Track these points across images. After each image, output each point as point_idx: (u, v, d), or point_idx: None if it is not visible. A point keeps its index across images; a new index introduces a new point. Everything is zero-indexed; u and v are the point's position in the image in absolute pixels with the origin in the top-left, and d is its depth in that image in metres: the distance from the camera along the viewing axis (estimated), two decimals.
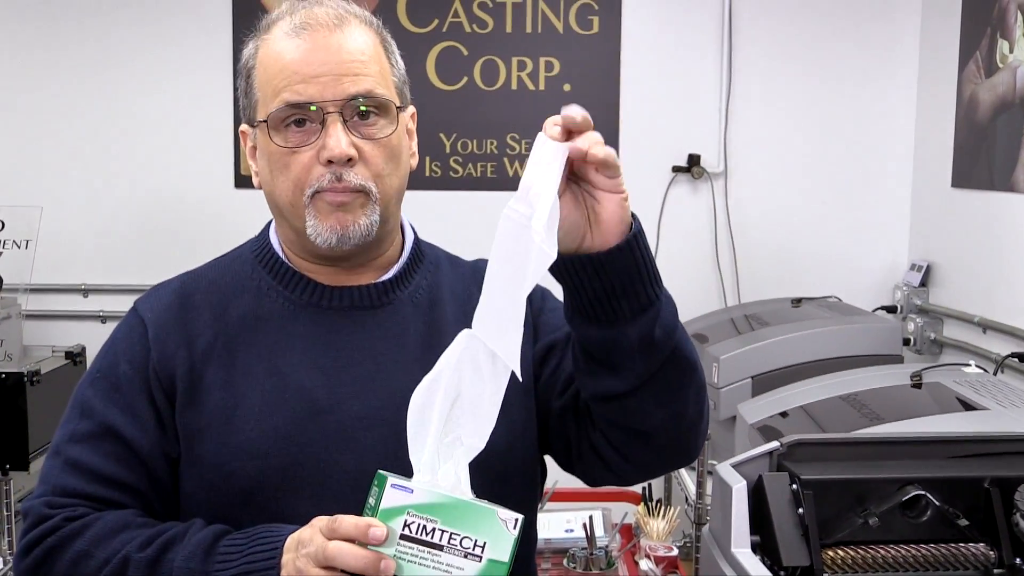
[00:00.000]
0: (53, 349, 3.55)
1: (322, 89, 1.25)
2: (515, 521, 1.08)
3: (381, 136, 1.29)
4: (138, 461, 1.28)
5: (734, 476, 1.35)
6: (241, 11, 3.70)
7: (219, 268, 1.40)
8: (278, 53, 1.28)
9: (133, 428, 1.28)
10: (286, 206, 1.30)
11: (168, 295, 1.36)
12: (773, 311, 3.35)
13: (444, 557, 1.07)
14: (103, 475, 1.27)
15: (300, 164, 1.27)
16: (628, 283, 1.15)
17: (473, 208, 3.70)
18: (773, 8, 3.71)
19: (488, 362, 1.09)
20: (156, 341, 1.31)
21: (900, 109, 3.73)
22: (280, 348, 1.31)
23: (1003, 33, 3.07)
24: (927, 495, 1.30)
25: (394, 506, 1.07)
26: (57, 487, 1.27)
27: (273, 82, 1.27)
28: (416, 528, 1.07)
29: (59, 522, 1.23)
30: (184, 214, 3.75)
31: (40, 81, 3.75)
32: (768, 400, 2.59)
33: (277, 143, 1.27)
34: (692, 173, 3.73)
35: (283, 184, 1.29)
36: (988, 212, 3.17)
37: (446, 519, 1.07)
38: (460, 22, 3.69)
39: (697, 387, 1.26)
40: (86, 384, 1.33)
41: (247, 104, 1.33)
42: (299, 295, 1.34)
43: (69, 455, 1.28)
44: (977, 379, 2.39)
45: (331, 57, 1.26)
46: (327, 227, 1.28)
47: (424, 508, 1.07)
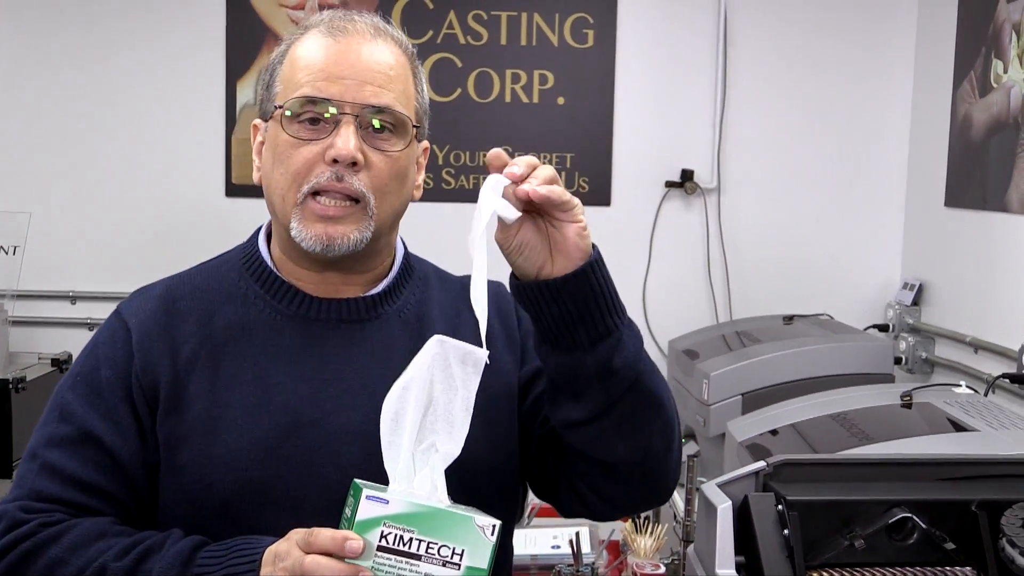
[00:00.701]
0: (39, 356, 3.53)
1: (343, 91, 1.25)
2: (492, 527, 1.08)
3: (391, 150, 1.28)
4: (117, 468, 1.26)
5: (719, 496, 1.33)
6: (235, 18, 3.70)
7: (205, 273, 1.38)
8: (308, 49, 1.29)
9: (113, 435, 1.26)
10: (278, 199, 1.29)
11: (152, 300, 1.34)
12: (765, 328, 3.35)
13: (423, 567, 1.06)
14: (81, 481, 1.25)
15: (303, 158, 1.26)
16: (585, 310, 1.17)
17: (465, 220, 3.64)
18: (768, 25, 3.71)
19: (459, 367, 1.10)
20: (140, 347, 1.29)
21: (894, 128, 3.73)
22: (265, 359, 1.29)
23: (997, 53, 3.07)
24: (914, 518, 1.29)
25: (370, 517, 1.06)
26: (33, 491, 1.25)
27: (297, 75, 1.28)
28: (393, 539, 1.06)
29: (35, 527, 1.21)
30: (174, 222, 3.74)
31: (30, 87, 3.73)
32: (758, 418, 2.57)
33: (289, 133, 1.26)
34: (685, 188, 3.72)
35: (281, 175, 1.28)
36: (981, 232, 3.16)
37: (423, 528, 1.06)
38: (455, 33, 3.68)
39: (664, 422, 1.27)
40: (66, 387, 1.31)
41: (266, 97, 1.33)
42: (286, 305, 1.32)
43: (47, 459, 1.26)
44: (967, 400, 2.37)
45: (359, 63, 1.27)
46: (311, 235, 1.26)
47: (400, 518, 1.06)
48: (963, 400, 2.37)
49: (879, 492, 1.33)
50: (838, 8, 3.70)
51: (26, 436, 3.52)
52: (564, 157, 3.73)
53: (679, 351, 3.33)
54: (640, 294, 3.73)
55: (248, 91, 3.72)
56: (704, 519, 1.38)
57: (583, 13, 3.70)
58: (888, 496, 1.31)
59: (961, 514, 1.31)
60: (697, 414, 3.04)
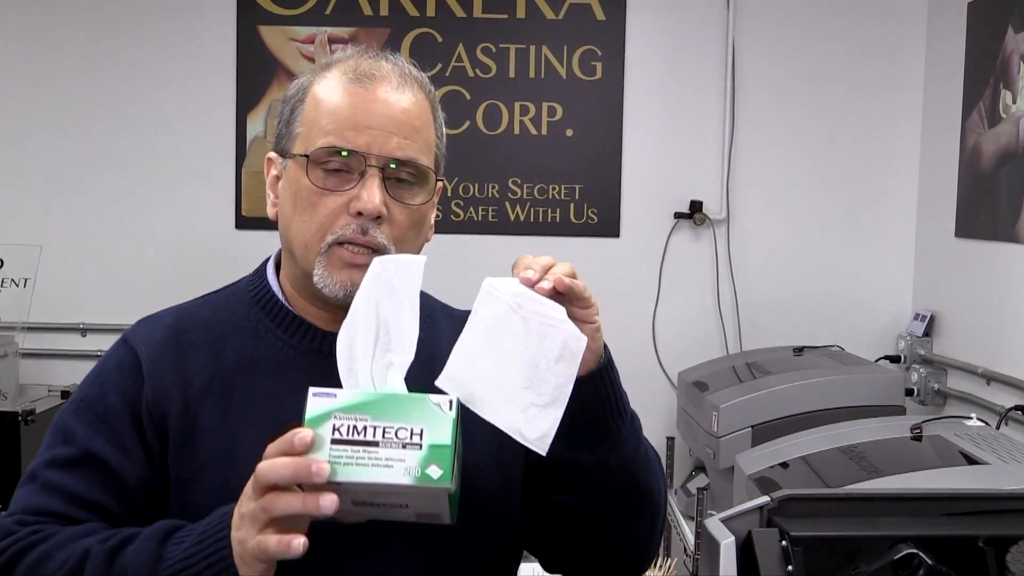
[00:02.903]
0: (49, 388, 3.54)
1: (370, 141, 1.24)
2: (449, 403, 1.05)
3: (412, 203, 1.28)
4: (119, 489, 1.24)
5: (722, 531, 1.31)
6: (245, 52, 3.73)
7: (213, 306, 1.36)
8: (334, 94, 1.27)
9: (119, 458, 1.24)
10: (299, 245, 1.28)
11: (162, 330, 1.32)
12: (775, 359, 3.33)
13: (382, 452, 1.02)
14: (80, 498, 1.23)
15: (327, 208, 1.25)
16: (590, 413, 1.18)
17: (474, 252, 3.70)
18: (776, 57, 3.72)
19: (399, 278, 1.11)
20: (151, 377, 1.27)
21: (904, 159, 3.72)
22: (278, 393, 1.28)
23: (1006, 84, 3.07)
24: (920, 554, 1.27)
25: (319, 412, 1.03)
26: (29, 507, 1.23)
27: (322, 121, 1.26)
28: (346, 430, 1.02)
29: (27, 533, 1.19)
30: (184, 254, 3.75)
31: (41, 120, 3.76)
32: (768, 450, 2.56)
33: (312, 181, 1.25)
34: (694, 219, 3.72)
35: (304, 223, 1.27)
36: (992, 262, 3.15)
37: (376, 414, 1.03)
38: (463, 66, 3.70)
39: (651, 514, 1.31)
40: (68, 412, 1.28)
41: (285, 133, 1.31)
42: (298, 340, 1.31)
43: (46, 479, 1.24)
44: (978, 432, 2.35)
45: (387, 113, 1.25)
46: (336, 281, 1.26)
47: (350, 407, 1.03)
48: (974, 433, 2.35)
49: (885, 527, 1.31)
50: (846, 40, 3.70)
51: None
52: (573, 189, 3.74)
53: (688, 383, 3.32)
54: (650, 325, 3.72)
55: (258, 124, 3.74)
56: (707, 554, 1.36)
57: (591, 46, 3.71)
58: (894, 532, 1.29)
59: (968, 550, 1.29)
60: (707, 446, 3.02)
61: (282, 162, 1.32)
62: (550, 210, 3.75)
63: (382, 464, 1.01)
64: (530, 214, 3.75)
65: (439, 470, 1.01)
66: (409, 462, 1.01)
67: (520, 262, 1.17)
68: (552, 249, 3.70)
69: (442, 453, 1.02)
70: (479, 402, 1.10)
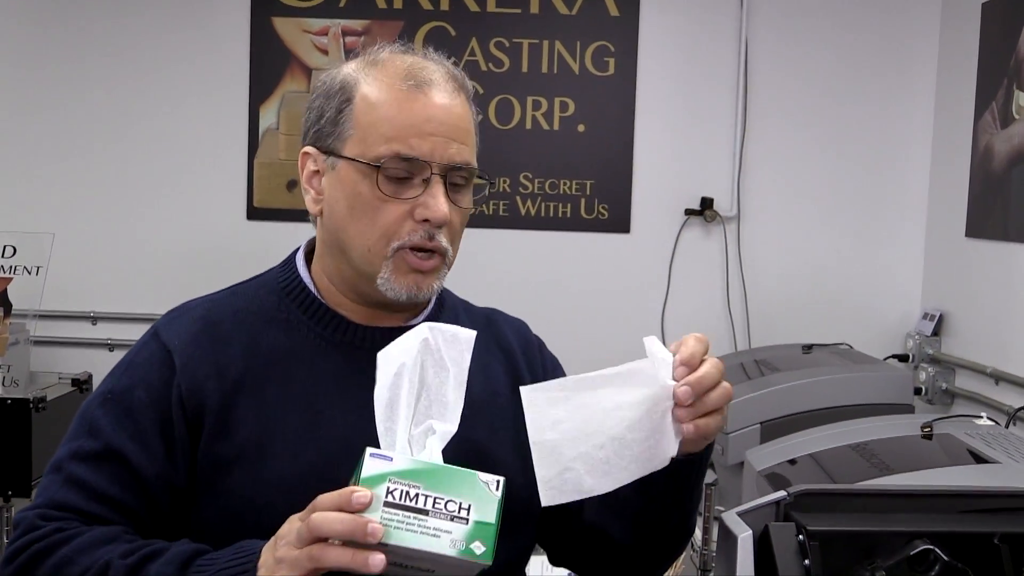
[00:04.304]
0: (60, 376, 3.54)
1: (433, 148, 1.26)
2: (497, 483, 1.07)
3: (466, 207, 1.33)
4: (141, 487, 1.25)
5: (740, 525, 1.32)
6: (259, 44, 3.73)
7: (243, 297, 1.37)
8: (392, 99, 1.27)
9: (141, 455, 1.25)
10: (359, 249, 1.29)
11: (194, 323, 1.33)
12: (783, 357, 3.33)
13: (431, 521, 1.04)
14: (103, 495, 1.24)
15: (392, 215, 1.27)
16: (687, 483, 1.32)
17: (485, 246, 3.70)
18: (788, 55, 3.72)
19: (448, 349, 1.13)
20: (185, 371, 1.28)
21: (915, 158, 3.73)
22: (312, 384, 1.30)
23: (1019, 84, 3.07)
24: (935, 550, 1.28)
25: (375, 474, 1.05)
26: (53, 501, 1.24)
27: (381, 128, 1.27)
28: (399, 494, 1.04)
29: (49, 531, 1.21)
30: (196, 244, 3.76)
31: (55, 109, 3.77)
32: (777, 447, 2.56)
33: (380, 187, 1.26)
34: (705, 216, 3.72)
35: (365, 228, 1.28)
36: (1002, 263, 3.15)
37: (428, 484, 1.05)
38: (476, 60, 3.71)
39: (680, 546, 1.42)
40: (95, 403, 1.30)
41: (330, 132, 1.30)
42: (331, 332, 1.33)
43: (71, 472, 1.25)
44: (988, 431, 2.36)
45: (446, 120, 1.28)
46: (402, 285, 1.29)
47: (405, 474, 1.05)
48: (984, 432, 2.35)
49: (901, 523, 1.32)
50: (859, 38, 3.70)
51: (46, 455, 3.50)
52: (584, 184, 3.75)
53: None
54: (659, 322, 3.73)
55: (271, 116, 3.74)
56: (724, 548, 1.37)
57: (604, 41, 3.72)
58: (910, 528, 1.30)
59: (983, 547, 1.30)
60: (715, 442, 3.02)
61: (326, 159, 1.31)
62: (561, 205, 3.75)
63: (430, 533, 1.04)
64: (541, 209, 3.75)
65: (482, 547, 1.05)
66: (455, 535, 1.04)
67: (692, 353, 1.21)
68: (563, 244, 3.73)
69: (487, 531, 1.06)
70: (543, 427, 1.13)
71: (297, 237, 1.42)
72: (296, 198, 3.58)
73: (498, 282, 3.50)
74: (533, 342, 1.48)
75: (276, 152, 3.75)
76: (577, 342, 3.33)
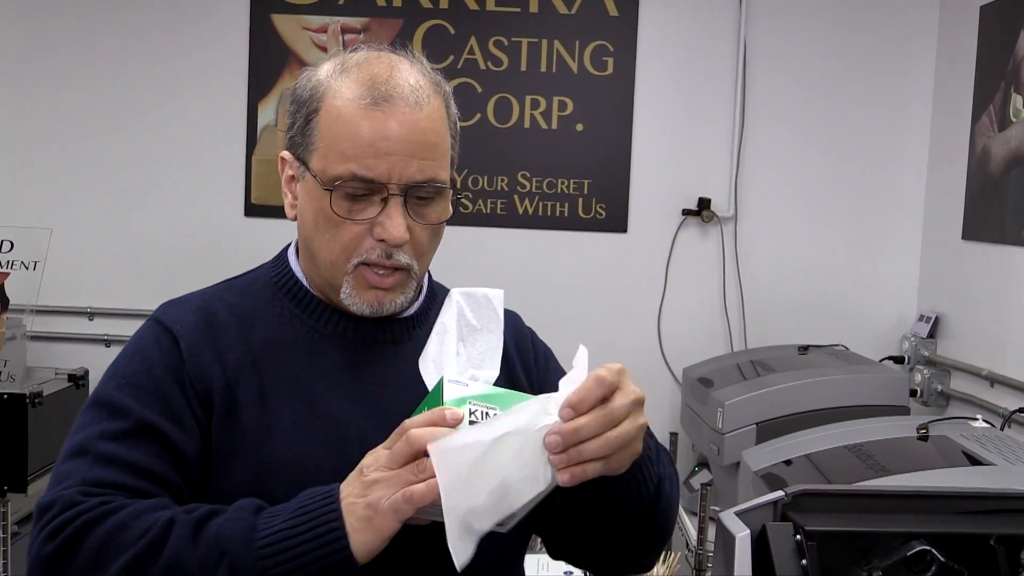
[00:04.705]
0: (56, 371, 3.55)
1: (390, 168, 1.25)
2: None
3: (433, 221, 1.31)
4: (180, 461, 1.23)
5: (738, 525, 1.33)
6: (258, 41, 3.73)
7: (237, 291, 1.38)
8: (352, 117, 1.26)
9: (177, 431, 1.23)
10: (324, 261, 1.31)
11: (191, 312, 1.33)
12: (779, 358, 3.34)
13: None
14: (144, 469, 1.20)
15: (351, 233, 1.28)
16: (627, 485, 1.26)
17: (482, 244, 3.71)
18: (787, 56, 3.72)
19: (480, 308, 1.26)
20: (190, 354, 1.28)
21: (912, 160, 3.73)
22: (307, 375, 1.31)
23: (1017, 87, 3.08)
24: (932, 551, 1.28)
25: (456, 397, 1.11)
26: (89, 479, 1.17)
27: (341, 145, 1.26)
28: (480, 415, 1.11)
29: (95, 504, 1.14)
30: (193, 241, 3.76)
31: (52, 105, 3.77)
32: (772, 447, 2.57)
33: (335, 209, 1.26)
34: (702, 216, 3.73)
35: (328, 243, 1.29)
36: (998, 265, 3.16)
37: (503, 406, 1.12)
38: (475, 59, 3.71)
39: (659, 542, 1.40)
40: (111, 388, 1.26)
41: (300, 141, 1.30)
42: (323, 325, 1.35)
43: (101, 451, 1.20)
44: (984, 434, 2.36)
45: (405, 136, 1.25)
46: (363, 300, 1.31)
47: (482, 398, 1.12)
48: (980, 434, 2.36)
49: (898, 524, 1.33)
50: (857, 41, 3.71)
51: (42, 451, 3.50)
52: (582, 184, 3.75)
53: (693, 379, 3.33)
54: (655, 321, 3.73)
55: (269, 113, 3.74)
56: (721, 548, 1.37)
57: (603, 40, 3.72)
58: (907, 528, 1.31)
59: (980, 548, 1.30)
60: (711, 442, 3.03)
61: (299, 167, 1.32)
62: (558, 204, 3.76)
63: None
64: (538, 208, 3.76)
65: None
66: None
67: (581, 399, 1.10)
68: (560, 243, 3.73)
69: None
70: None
71: (294, 234, 1.42)
72: None
73: (494, 280, 3.47)
74: (525, 334, 1.49)
75: (274, 149, 3.75)
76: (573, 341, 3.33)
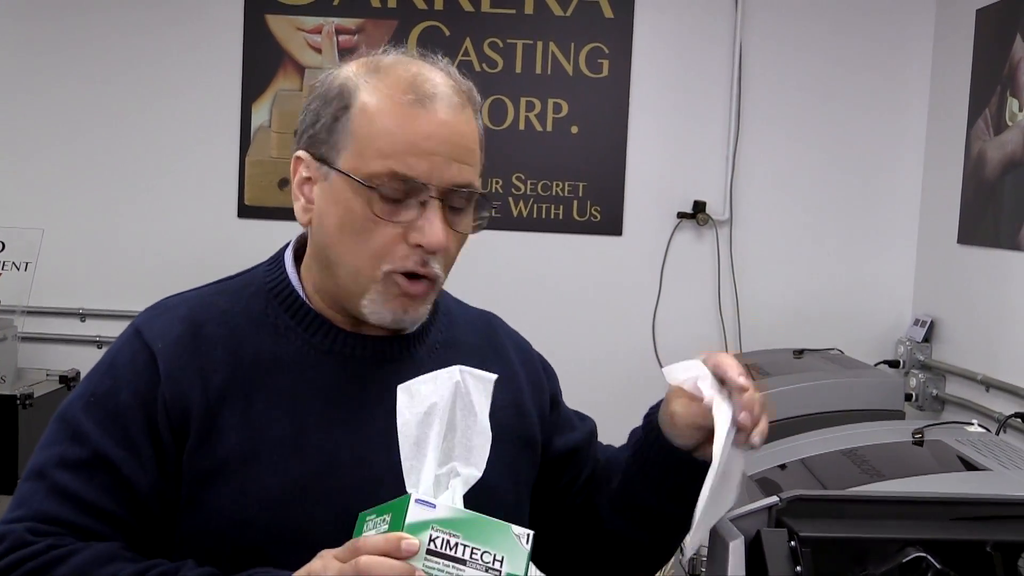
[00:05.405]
0: (47, 373, 3.53)
1: (431, 169, 1.18)
2: (527, 536, 1.10)
3: (464, 231, 1.25)
4: (133, 498, 1.18)
5: (731, 530, 1.32)
6: (252, 41, 3.72)
7: (229, 297, 1.29)
8: (391, 111, 1.19)
9: (132, 464, 1.18)
10: (347, 269, 1.22)
11: (177, 324, 1.25)
12: (774, 361, 3.33)
13: (467, 571, 1.06)
14: (94, 506, 1.17)
15: (384, 237, 1.19)
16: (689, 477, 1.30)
17: (476, 247, 3.67)
18: (782, 59, 3.72)
19: (479, 396, 1.13)
20: (169, 377, 1.20)
21: (908, 164, 3.73)
22: (299, 395, 1.23)
23: (1013, 91, 3.07)
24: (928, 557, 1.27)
25: (419, 520, 1.06)
26: (40, 513, 1.16)
27: (377, 142, 1.18)
28: (441, 543, 1.06)
29: (42, 548, 1.13)
30: (186, 242, 3.75)
31: (45, 104, 3.75)
32: (767, 452, 2.55)
33: (373, 209, 1.19)
34: (697, 220, 3.72)
35: (355, 248, 1.21)
36: (993, 270, 3.15)
37: (467, 534, 1.07)
38: (470, 60, 3.70)
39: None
40: (77, 406, 1.21)
41: (325, 139, 1.22)
42: (319, 340, 1.26)
43: (56, 481, 1.17)
44: (979, 438, 2.35)
45: (448, 137, 1.19)
46: (389, 309, 1.22)
47: (447, 523, 1.07)
48: (975, 439, 2.35)
49: (893, 530, 1.32)
50: (853, 44, 3.70)
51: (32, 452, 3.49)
52: (577, 186, 3.74)
53: None
54: (650, 325, 3.72)
55: (263, 114, 3.73)
56: (715, 554, 1.36)
57: (598, 43, 3.71)
58: (902, 535, 1.30)
59: (976, 555, 1.29)
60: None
61: (319, 167, 1.23)
62: (553, 207, 3.75)
63: None
64: (533, 210, 3.74)
65: None
66: None
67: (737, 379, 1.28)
68: (554, 246, 3.72)
69: None
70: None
71: (288, 236, 1.37)
72: (288, 196, 3.56)
73: (489, 284, 3.48)
74: (533, 358, 1.45)
75: (268, 150, 3.74)
76: (567, 344, 3.33)
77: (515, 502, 1.32)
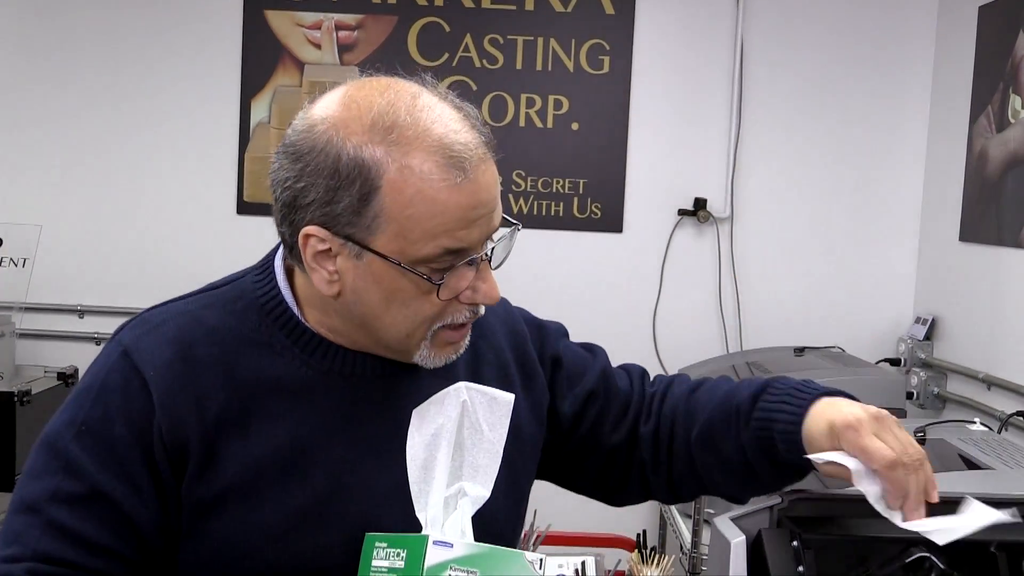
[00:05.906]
0: (45, 370, 3.52)
1: (483, 232, 1.16)
2: (540, 561, 1.13)
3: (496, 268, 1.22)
4: (135, 534, 1.14)
5: (733, 530, 1.30)
6: (251, 37, 3.71)
7: (218, 312, 1.22)
8: (435, 192, 1.11)
9: (132, 499, 1.13)
10: (394, 333, 1.19)
11: (166, 347, 1.18)
12: (775, 359, 3.32)
13: None
14: (94, 544, 1.12)
15: (439, 306, 1.17)
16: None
17: None
18: (784, 56, 3.70)
19: (485, 413, 1.15)
20: (163, 406, 1.15)
21: (909, 161, 3.71)
22: (300, 418, 1.19)
23: (1015, 89, 3.06)
24: (931, 557, 1.26)
25: (438, 563, 1.10)
26: (40, 554, 1.11)
27: (426, 224, 1.11)
28: None
29: None
30: (185, 239, 3.73)
31: (44, 101, 3.74)
32: None
33: (423, 289, 1.15)
34: (698, 217, 3.71)
35: (405, 319, 1.17)
36: (995, 268, 3.14)
37: (484, 568, 1.11)
38: (470, 56, 3.68)
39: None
40: (68, 437, 1.15)
41: (351, 220, 1.12)
42: (317, 360, 1.21)
43: (53, 517, 1.12)
44: (981, 437, 2.35)
45: (487, 197, 1.15)
46: (441, 357, 1.21)
47: (464, 560, 1.10)
48: (977, 437, 2.34)
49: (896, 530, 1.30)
50: (854, 41, 3.69)
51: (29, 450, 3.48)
52: (577, 183, 3.73)
53: None
54: (650, 322, 3.71)
55: (262, 110, 3.72)
56: (716, 554, 1.35)
57: (599, 39, 3.70)
58: (905, 534, 1.28)
59: (980, 555, 1.28)
60: None
61: (343, 243, 1.14)
62: (553, 204, 3.73)
63: None
64: (533, 207, 3.73)
65: None
66: None
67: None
68: (555, 243, 3.70)
69: None
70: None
71: None
72: None
73: None
74: (522, 334, 1.42)
75: (267, 146, 3.72)
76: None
77: (510, 499, 1.30)
